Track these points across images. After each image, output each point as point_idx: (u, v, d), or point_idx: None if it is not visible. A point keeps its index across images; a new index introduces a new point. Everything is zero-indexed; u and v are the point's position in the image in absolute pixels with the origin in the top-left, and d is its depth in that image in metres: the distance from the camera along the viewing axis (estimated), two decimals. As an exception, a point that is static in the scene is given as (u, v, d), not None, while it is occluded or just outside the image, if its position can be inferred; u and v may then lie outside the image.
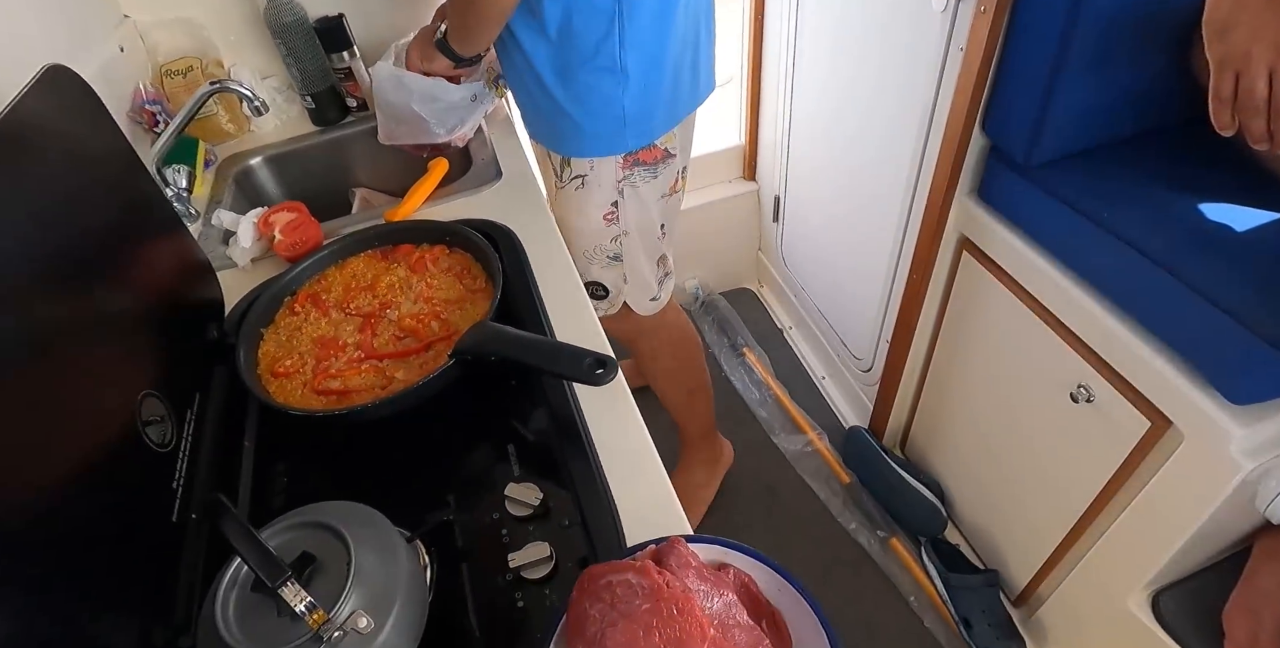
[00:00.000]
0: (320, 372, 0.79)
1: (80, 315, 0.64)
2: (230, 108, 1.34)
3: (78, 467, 0.57)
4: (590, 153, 1.06)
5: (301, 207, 1.03)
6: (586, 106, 1.01)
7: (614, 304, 1.26)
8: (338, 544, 0.57)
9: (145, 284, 0.76)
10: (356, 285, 0.90)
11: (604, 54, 0.96)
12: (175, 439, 0.69)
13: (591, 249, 1.17)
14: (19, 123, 0.62)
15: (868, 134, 1.40)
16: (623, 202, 1.11)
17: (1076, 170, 1.01)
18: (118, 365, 0.67)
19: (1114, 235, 0.93)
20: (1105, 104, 0.98)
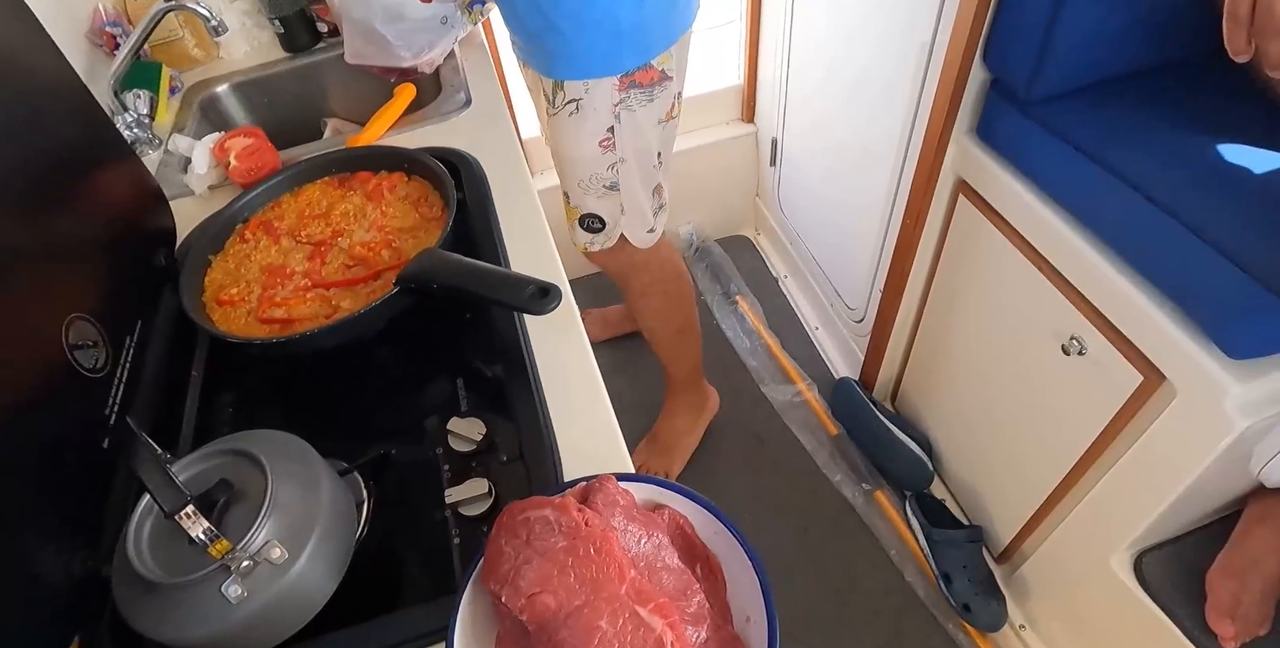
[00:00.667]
0: (265, 300, 0.77)
1: (11, 239, 0.61)
2: (198, 33, 1.29)
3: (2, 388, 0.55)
4: (585, 74, 1.00)
5: (259, 132, 0.99)
6: (579, 22, 0.95)
7: (610, 237, 1.22)
8: (257, 473, 0.55)
9: (86, 210, 0.73)
10: (310, 213, 0.87)
11: None
12: (110, 365, 0.67)
13: (587, 179, 1.12)
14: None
15: (868, 73, 1.33)
16: (619, 127, 1.06)
17: (1080, 106, 0.95)
18: (48, 289, 0.64)
19: (1116, 176, 0.87)
20: (1114, 31, 0.91)
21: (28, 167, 0.66)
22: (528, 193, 0.92)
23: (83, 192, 0.74)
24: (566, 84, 1.01)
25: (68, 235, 0.69)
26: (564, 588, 0.47)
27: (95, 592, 0.57)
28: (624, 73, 1.00)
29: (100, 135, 0.80)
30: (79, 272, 0.69)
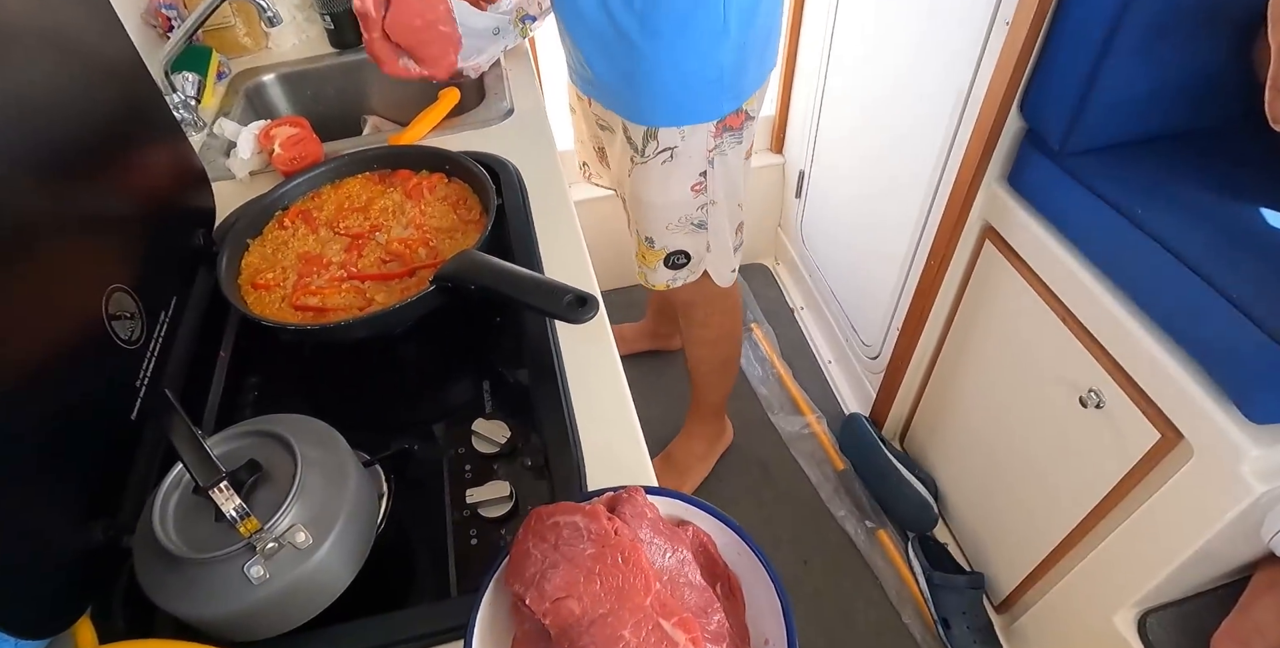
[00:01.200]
0: (300, 287, 0.78)
1: (60, 207, 0.63)
2: (249, 22, 1.32)
3: (41, 352, 0.56)
4: (685, 121, 1.00)
5: (304, 122, 1.01)
6: (682, 69, 0.95)
7: (694, 271, 1.22)
8: (286, 457, 0.56)
9: (132, 185, 0.75)
10: (349, 206, 0.88)
11: (707, 13, 0.90)
12: (145, 338, 0.68)
13: (676, 221, 1.13)
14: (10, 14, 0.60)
15: (901, 111, 1.36)
16: (712, 171, 1.07)
17: (1113, 161, 0.97)
18: (92, 259, 0.66)
19: (1145, 233, 0.89)
20: (1153, 93, 0.93)
21: (84, 137, 0.68)
22: (565, 203, 0.93)
23: (133, 165, 0.75)
24: (661, 132, 1.01)
25: (115, 207, 0.71)
26: (589, 595, 0.47)
27: (111, 562, 0.58)
28: (721, 118, 1.01)
29: (153, 113, 0.82)
30: (122, 244, 0.71)
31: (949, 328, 1.35)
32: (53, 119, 0.64)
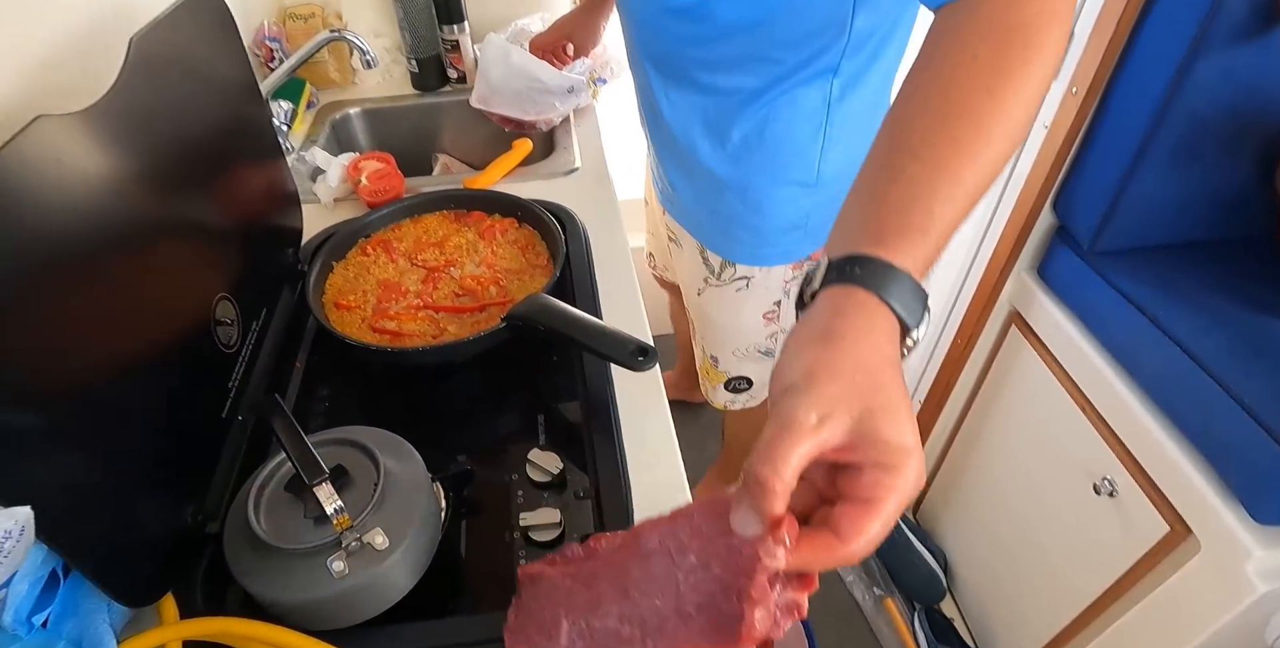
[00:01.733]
0: (380, 311, 0.85)
1: (179, 215, 0.71)
2: (339, 58, 1.43)
3: (155, 348, 0.63)
4: (765, 262, 1.02)
5: (390, 158, 1.11)
6: (768, 217, 0.96)
7: (755, 397, 1.23)
8: (369, 466, 0.62)
9: (238, 200, 0.83)
10: (427, 240, 0.97)
11: (800, 166, 0.91)
12: (239, 344, 0.76)
13: (744, 347, 1.14)
14: (163, 32, 0.70)
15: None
16: (786, 301, 1.07)
17: (1140, 263, 1.05)
18: (203, 266, 0.74)
19: (1164, 333, 0.96)
20: (1180, 203, 1.02)
21: (203, 153, 0.76)
22: (624, 256, 1.01)
23: (240, 182, 0.84)
24: (739, 265, 1.03)
25: (223, 219, 0.79)
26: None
27: (196, 544, 0.64)
28: (802, 259, 1.02)
29: (260, 137, 0.91)
30: (229, 255, 0.79)
31: (970, 406, 1.41)
32: (180, 136, 0.72)
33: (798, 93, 0.84)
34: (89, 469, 0.53)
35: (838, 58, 0.81)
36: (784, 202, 0.94)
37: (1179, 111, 0.92)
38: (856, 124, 0.89)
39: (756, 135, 0.88)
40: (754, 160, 0.91)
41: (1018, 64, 0.47)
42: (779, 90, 0.84)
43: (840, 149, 0.90)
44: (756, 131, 0.88)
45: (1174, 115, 0.92)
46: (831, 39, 0.79)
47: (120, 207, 0.61)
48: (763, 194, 0.94)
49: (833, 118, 0.86)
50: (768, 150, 0.89)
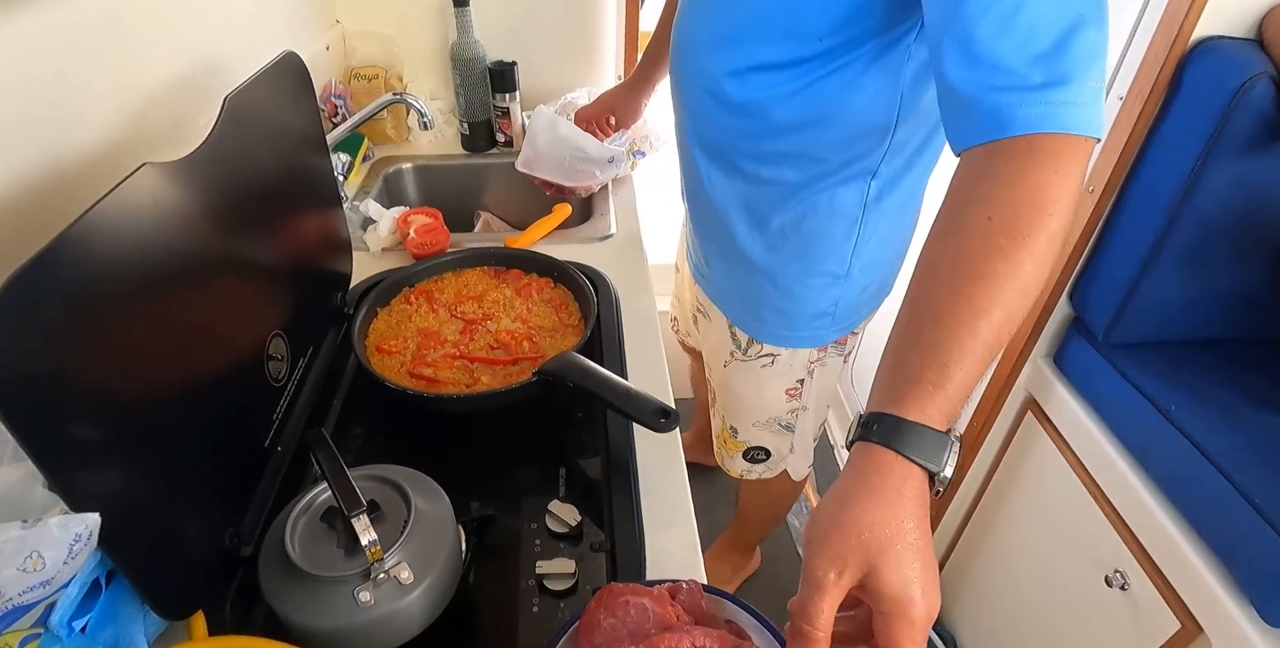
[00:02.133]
0: (418, 358, 0.91)
1: (245, 255, 0.78)
2: (397, 117, 1.54)
3: (213, 376, 0.68)
4: (792, 344, 1.07)
5: (438, 213, 1.19)
6: (798, 303, 1.01)
7: (772, 469, 1.28)
8: (400, 503, 0.66)
9: (297, 244, 0.90)
10: (467, 293, 1.03)
11: (833, 259, 0.96)
12: (286, 379, 0.81)
13: (764, 419, 1.19)
14: (254, 90, 0.78)
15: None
16: (809, 380, 1.12)
17: (1153, 358, 1.09)
18: (262, 303, 0.80)
19: (1177, 428, 0.99)
20: (1194, 301, 1.06)
21: (270, 197, 0.83)
22: (652, 320, 1.07)
23: (300, 227, 0.91)
24: (766, 344, 1.08)
25: (283, 260, 0.86)
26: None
27: (231, 565, 0.67)
28: (828, 344, 1.08)
29: (322, 186, 0.99)
30: (284, 294, 0.85)
31: (984, 489, 1.43)
32: (253, 183, 0.79)
33: (837, 191, 0.90)
34: (143, 485, 0.57)
35: (878, 162, 0.87)
36: (814, 290, 0.99)
37: (1190, 215, 0.98)
38: (889, 223, 0.94)
39: (794, 226, 0.93)
40: (789, 249, 0.96)
41: (1031, 224, 0.51)
42: (820, 187, 0.90)
43: (872, 245, 0.95)
44: (794, 223, 0.93)
45: (1185, 218, 0.98)
46: (874, 144, 0.85)
47: (197, 244, 0.68)
48: (794, 282, 0.99)
49: (868, 216, 0.92)
50: (803, 241, 0.94)
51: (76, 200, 0.75)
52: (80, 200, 0.73)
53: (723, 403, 1.23)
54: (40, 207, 0.72)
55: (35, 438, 0.46)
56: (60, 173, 0.75)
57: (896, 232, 0.98)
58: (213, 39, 1.04)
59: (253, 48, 1.14)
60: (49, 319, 0.49)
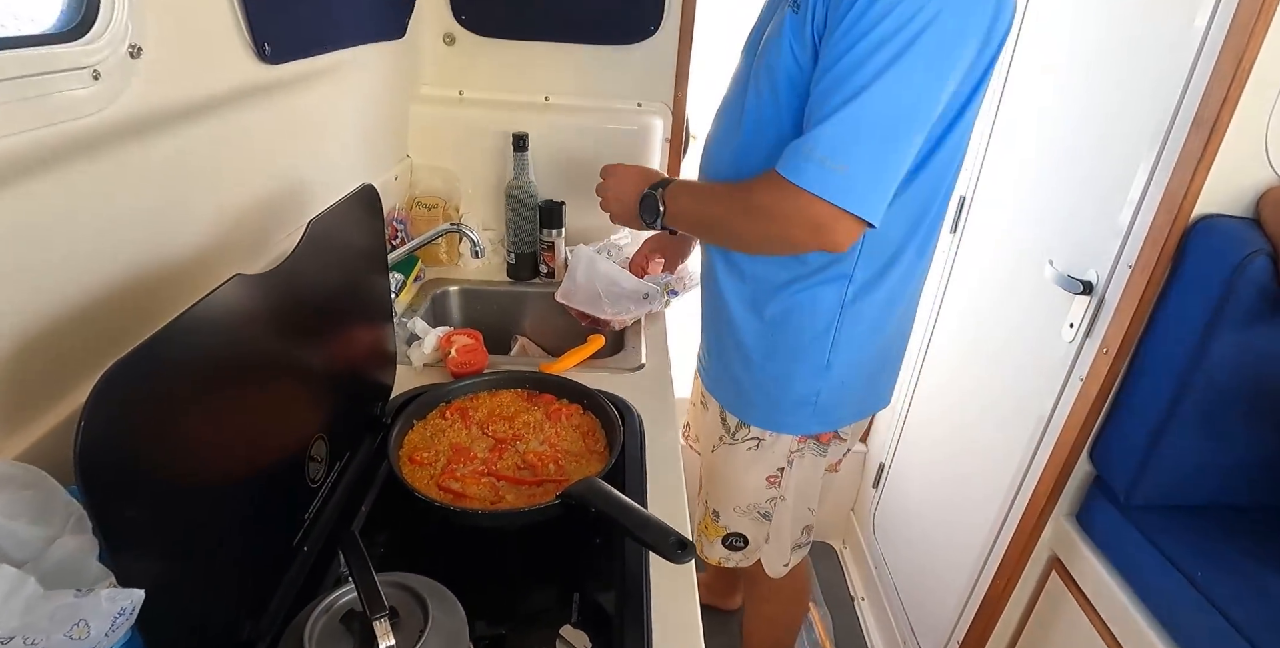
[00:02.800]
0: (448, 471, 0.96)
1: (301, 360, 0.86)
2: (450, 243, 1.68)
3: (256, 471, 0.74)
4: (773, 428, 1.18)
5: (478, 335, 1.27)
6: (783, 390, 1.14)
7: (748, 558, 1.34)
8: (418, 612, 0.69)
9: (348, 353, 0.99)
10: (500, 413, 1.09)
11: (814, 352, 1.10)
12: (322, 481, 0.86)
13: (745, 505, 1.27)
14: (333, 216, 0.89)
15: (982, 430, 1.54)
16: (789, 469, 1.22)
17: (1178, 521, 1.09)
18: (309, 406, 0.87)
19: (1203, 595, 0.98)
20: (1214, 465, 1.08)
21: (336, 309, 0.93)
22: (674, 452, 1.11)
23: (353, 338, 1.00)
24: (753, 427, 1.19)
25: (335, 367, 0.94)
26: None
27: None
28: (808, 435, 1.19)
29: (379, 301, 1.09)
30: (331, 399, 0.92)
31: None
32: (319, 295, 0.89)
33: (818, 290, 1.06)
34: (182, 569, 0.62)
35: (852, 267, 1.04)
36: (798, 378, 1.13)
37: (1201, 381, 1.03)
38: (865, 324, 1.09)
39: (783, 317, 1.10)
40: (778, 338, 1.12)
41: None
42: (803, 286, 1.07)
43: (848, 343, 1.10)
44: (783, 315, 1.09)
45: (1197, 384, 1.03)
46: (848, 252, 0.99)
47: (264, 348, 0.76)
48: (781, 368, 1.13)
49: (844, 316, 1.07)
50: (791, 332, 1.10)
51: (173, 298, 0.86)
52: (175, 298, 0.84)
53: (708, 488, 1.32)
54: (145, 299, 0.82)
55: (105, 514, 0.51)
56: (161, 274, 0.86)
57: (874, 335, 1.11)
58: (301, 168, 1.19)
59: (334, 175, 1.29)
60: (136, 407, 0.56)
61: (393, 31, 1.45)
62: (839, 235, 0.89)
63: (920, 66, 0.83)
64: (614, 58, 1.67)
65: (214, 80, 0.92)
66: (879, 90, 0.82)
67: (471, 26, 1.64)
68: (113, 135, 0.76)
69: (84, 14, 0.72)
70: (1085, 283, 1.20)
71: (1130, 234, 1.13)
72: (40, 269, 0.71)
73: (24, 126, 0.65)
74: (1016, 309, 1.46)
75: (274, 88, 1.05)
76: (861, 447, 2.10)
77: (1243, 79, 0.97)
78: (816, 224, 0.88)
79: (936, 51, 0.83)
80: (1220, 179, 1.03)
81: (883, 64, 0.82)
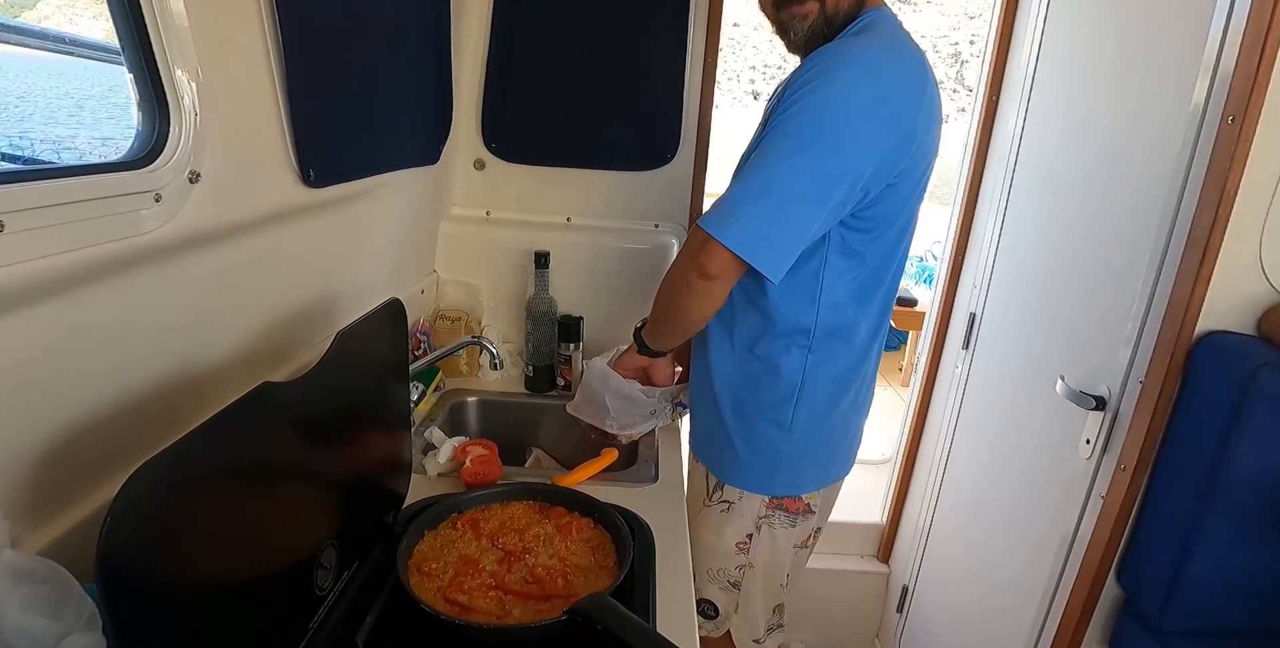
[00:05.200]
0: (455, 584, 0.95)
1: (319, 466, 0.88)
2: (471, 355, 1.73)
3: (265, 576, 0.75)
4: (742, 485, 1.27)
5: (493, 446, 1.29)
6: (751, 445, 1.24)
7: (719, 627, 1.35)
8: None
9: (365, 461, 1.01)
10: (511, 525, 1.09)
11: (779, 411, 1.21)
12: (329, 589, 0.86)
13: (716, 570, 1.32)
14: (360, 328, 0.94)
15: (1006, 551, 1.50)
16: (757, 536, 1.28)
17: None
18: (323, 512, 0.88)
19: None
20: (1247, 587, 1.04)
21: (356, 417, 0.95)
22: (685, 568, 1.10)
23: (373, 445, 1.02)
24: (725, 486, 1.28)
25: (352, 474, 0.95)
26: None
27: None
28: (773, 495, 1.26)
29: (398, 410, 1.11)
30: (346, 506, 0.93)
31: None
32: (341, 403, 0.91)
33: (782, 359, 1.18)
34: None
35: (810, 340, 1.17)
36: (763, 436, 1.23)
37: (1223, 495, 1.01)
38: (826, 390, 1.20)
39: (754, 379, 1.21)
40: (748, 399, 1.23)
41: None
42: (773, 350, 1.19)
43: (810, 405, 1.20)
44: (754, 376, 1.21)
45: (1219, 499, 1.01)
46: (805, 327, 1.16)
47: (284, 453, 0.78)
48: (748, 425, 1.24)
49: (806, 380, 1.19)
50: (762, 392, 1.21)
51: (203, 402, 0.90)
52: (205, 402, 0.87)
53: (694, 554, 1.29)
54: (176, 403, 0.87)
55: (118, 613, 0.52)
56: (194, 378, 0.90)
57: (833, 400, 1.22)
58: (334, 281, 1.26)
59: (364, 288, 1.36)
60: (159, 508, 0.58)
61: (428, 158, 1.57)
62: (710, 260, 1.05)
63: (817, 156, 1.00)
64: (633, 182, 1.78)
65: (261, 202, 1.00)
66: (781, 168, 1.01)
67: (501, 154, 1.76)
68: (164, 251, 0.83)
69: (153, 145, 0.80)
70: (1098, 398, 1.21)
71: (1138, 349, 1.16)
72: (82, 372, 0.76)
73: (89, 242, 0.72)
74: (1032, 425, 1.46)
75: (315, 208, 1.14)
76: (883, 567, 2.03)
77: (1230, 201, 1.02)
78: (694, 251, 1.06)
79: (832, 148, 1.00)
80: (1220, 294, 1.06)
81: (787, 150, 1.01)
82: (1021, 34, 1.69)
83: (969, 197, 1.84)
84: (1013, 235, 1.64)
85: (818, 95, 1.00)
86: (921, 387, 1.97)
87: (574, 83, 1.71)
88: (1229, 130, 1.02)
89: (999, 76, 1.76)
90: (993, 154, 1.78)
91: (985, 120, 1.80)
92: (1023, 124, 1.63)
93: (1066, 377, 1.30)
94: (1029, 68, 1.62)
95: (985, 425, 1.66)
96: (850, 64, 1.02)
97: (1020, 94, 1.64)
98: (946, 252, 1.94)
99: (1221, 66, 1.05)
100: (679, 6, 1.64)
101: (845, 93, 1.01)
